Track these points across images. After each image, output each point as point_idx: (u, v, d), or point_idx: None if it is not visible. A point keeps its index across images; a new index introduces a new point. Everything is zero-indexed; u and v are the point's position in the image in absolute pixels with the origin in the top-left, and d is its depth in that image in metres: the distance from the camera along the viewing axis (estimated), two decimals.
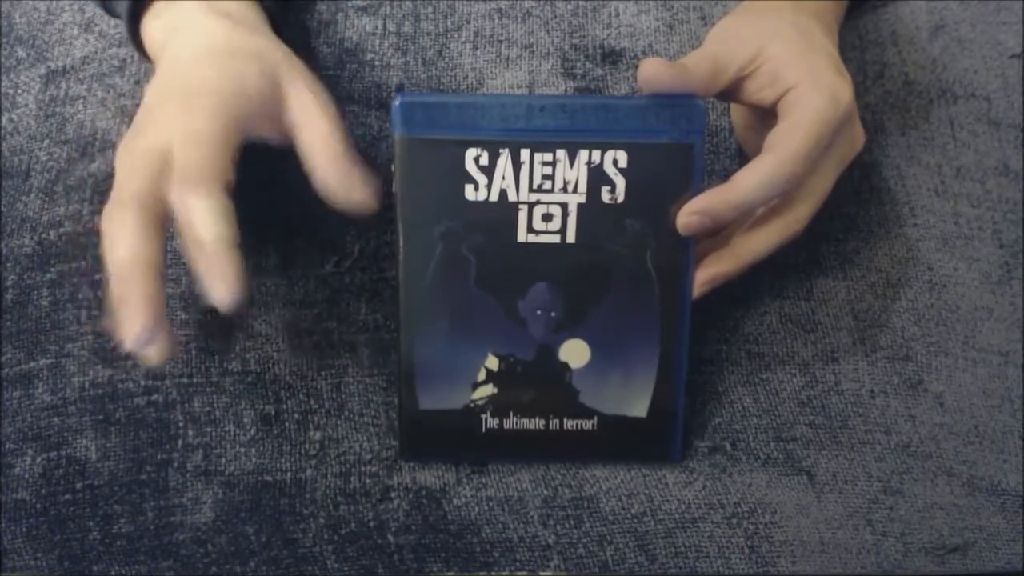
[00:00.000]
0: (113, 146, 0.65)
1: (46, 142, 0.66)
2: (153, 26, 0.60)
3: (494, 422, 0.61)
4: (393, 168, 0.57)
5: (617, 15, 0.69)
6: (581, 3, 0.69)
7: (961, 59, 0.70)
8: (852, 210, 0.67)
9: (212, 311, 0.58)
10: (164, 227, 0.52)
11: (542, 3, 0.69)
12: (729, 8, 0.67)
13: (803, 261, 0.66)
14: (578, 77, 0.68)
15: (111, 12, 0.65)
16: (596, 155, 0.56)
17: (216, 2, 0.59)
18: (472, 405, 0.61)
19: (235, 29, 0.58)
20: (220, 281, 0.52)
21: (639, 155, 0.56)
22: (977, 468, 0.64)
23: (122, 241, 0.51)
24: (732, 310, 0.66)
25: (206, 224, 0.51)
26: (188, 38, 0.58)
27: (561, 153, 0.56)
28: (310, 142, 0.55)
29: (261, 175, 0.57)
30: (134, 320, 0.50)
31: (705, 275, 0.58)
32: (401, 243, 0.58)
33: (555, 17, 0.69)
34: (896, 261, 0.67)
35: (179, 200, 0.52)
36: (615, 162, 0.56)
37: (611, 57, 0.68)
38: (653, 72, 0.54)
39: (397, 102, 0.56)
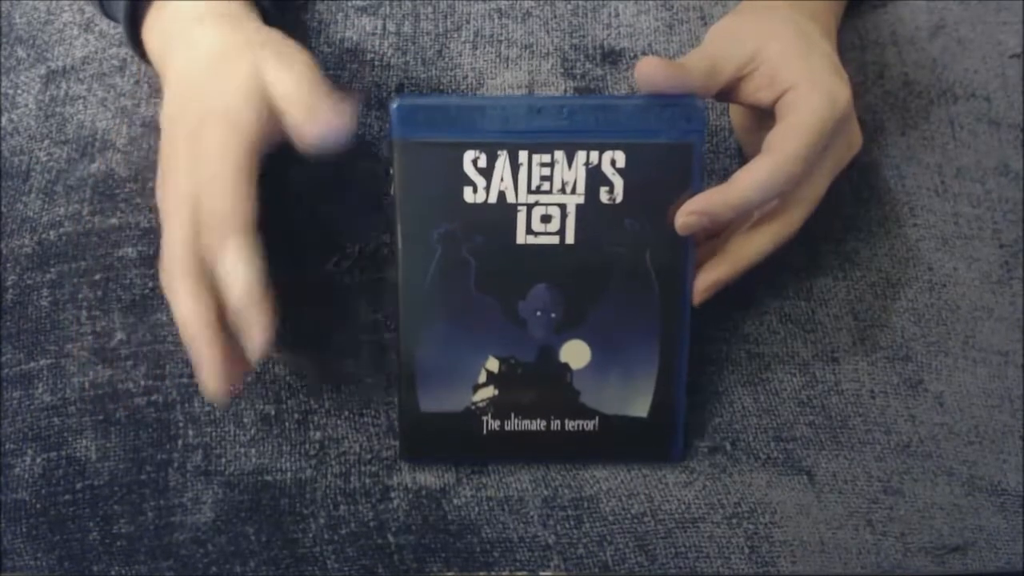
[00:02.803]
0: (113, 146, 0.66)
1: (46, 142, 0.66)
2: (151, 34, 0.61)
3: (495, 424, 0.61)
4: (391, 171, 0.57)
5: (617, 15, 0.69)
6: (581, 3, 0.69)
7: (961, 59, 0.70)
8: (852, 210, 0.67)
9: None
10: (209, 281, 0.55)
11: (542, 3, 0.69)
12: (729, 8, 0.67)
13: (803, 261, 0.66)
14: (578, 77, 0.68)
15: (110, 15, 0.65)
16: (594, 156, 0.56)
17: (203, 3, 0.59)
18: (473, 407, 0.61)
19: (223, 32, 0.58)
20: (252, 329, 0.55)
21: (637, 155, 0.56)
22: (977, 468, 0.64)
23: (180, 304, 0.54)
24: (732, 310, 0.66)
25: (234, 274, 0.54)
26: (184, 55, 0.58)
27: (559, 154, 0.56)
28: (279, 90, 0.56)
29: (260, 174, 0.56)
30: (210, 384, 0.55)
31: (704, 282, 0.58)
32: (400, 246, 0.58)
33: (555, 17, 0.69)
34: (896, 261, 0.67)
35: (210, 254, 0.54)
36: (613, 162, 0.56)
37: (611, 57, 0.68)
38: (651, 71, 0.55)
39: (394, 105, 0.56)
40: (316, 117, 0.55)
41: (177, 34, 0.59)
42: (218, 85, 0.56)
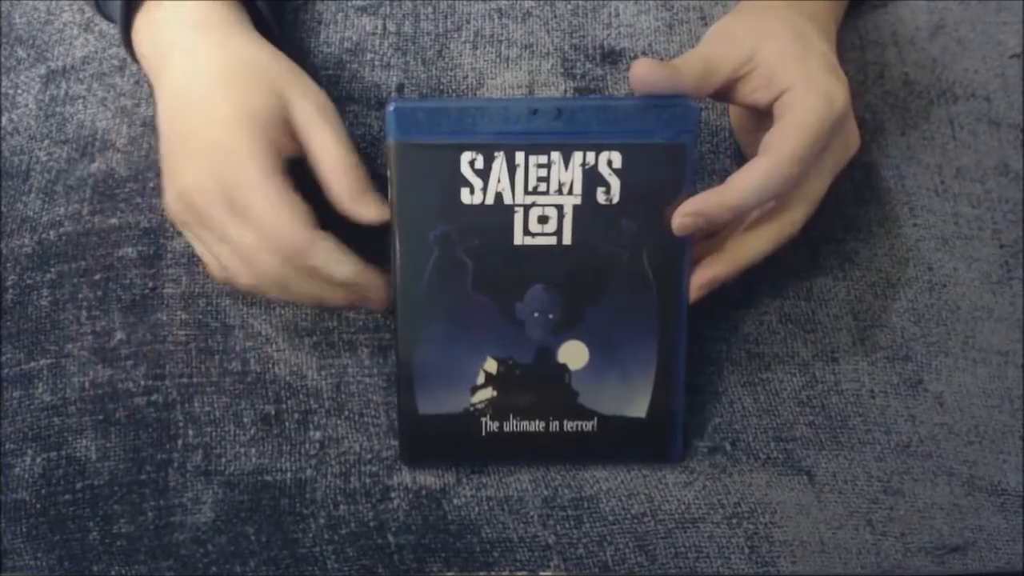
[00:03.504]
0: (113, 146, 0.65)
1: (46, 142, 0.66)
2: (141, 36, 0.60)
3: (494, 425, 0.61)
4: (388, 173, 0.57)
5: (617, 15, 0.69)
6: (581, 3, 0.69)
7: (961, 59, 0.70)
8: (852, 210, 0.67)
9: None
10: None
11: (542, 3, 0.69)
12: (729, 8, 0.67)
13: (803, 261, 0.66)
14: (578, 77, 0.68)
15: (106, 15, 0.65)
16: (590, 156, 0.56)
17: (200, 3, 0.59)
18: (471, 409, 0.61)
19: (229, 45, 0.59)
20: (374, 299, 0.59)
21: (633, 156, 0.56)
22: (977, 468, 0.64)
23: (304, 298, 0.59)
24: (732, 310, 0.66)
25: (332, 270, 0.57)
26: (186, 63, 0.58)
27: (555, 155, 0.56)
28: (324, 163, 0.58)
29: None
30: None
31: (701, 279, 0.58)
32: (397, 248, 0.58)
33: (555, 17, 0.69)
34: (896, 261, 0.67)
35: (302, 267, 0.57)
36: (609, 163, 0.56)
37: (611, 57, 0.68)
38: (645, 72, 0.54)
39: (390, 108, 0.56)
40: (360, 208, 0.58)
41: (175, 40, 0.59)
42: (244, 99, 0.57)
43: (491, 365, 0.60)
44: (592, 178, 0.57)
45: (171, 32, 0.59)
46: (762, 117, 0.59)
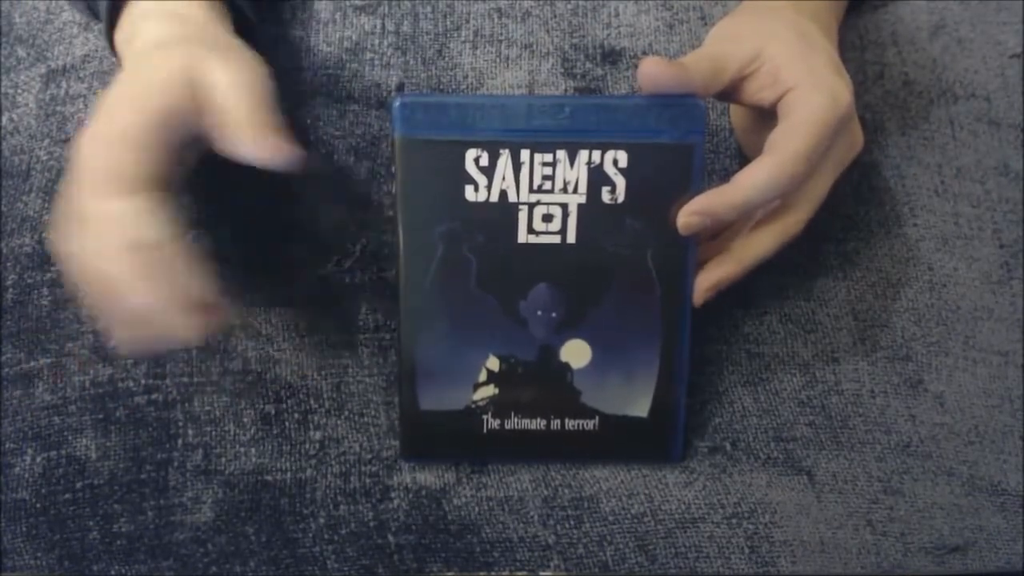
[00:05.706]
0: None
1: (46, 141, 0.66)
2: (119, 33, 0.60)
3: (495, 423, 0.61)
4: (393, 169, 0.57)
5: (617, 15, 0.69)
6: (581, 3, 0.69)
7: (961, 59, 0.70)
8: (852, 210, 0.67)
9: None
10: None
11: (542, 3, 0.69)
12: (729, 8, 0.67)
13: (803, 261, 0.66)
14: (578, 77, 0.68)
15: (95, 15, 0.65)
16: (596, 155, 0.56)
17: (166, 3, 0.58)
18: (473, 406, 0.61)
19: (167, 27, 0.57)
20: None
21: (639, 155, 0.56)
22: (977, 468, 0.64)
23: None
24: (732, 310, 0.66)
25: (133, 228, 0.52)
26: (132, 50, 0.58)
27: (561, 153, 0.56)
28: (225, 107, 0.54)
29: (260, 175, 0.56)
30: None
31: (708, 280, 0.58)
32: (401, 244, 0.58)
33: (555, 17, 0.69)
34: (896, 261, 0.67)
35: (88, 209, 0.52)
36: (615, 162, 0.56)
37: (611, 57, 0.68)
38: (653, 71, 0.54)
39: (397, 103, 0.56)
40: (262, 143, 0.54)
41: (137, 32, 0.58)
42: (145, 72, 0.55)
43: (493, 363, 0.60)
44: (597, 177, 0.57)
45: (136, 25, 0.58)
46: (764, 117, 0.59)
